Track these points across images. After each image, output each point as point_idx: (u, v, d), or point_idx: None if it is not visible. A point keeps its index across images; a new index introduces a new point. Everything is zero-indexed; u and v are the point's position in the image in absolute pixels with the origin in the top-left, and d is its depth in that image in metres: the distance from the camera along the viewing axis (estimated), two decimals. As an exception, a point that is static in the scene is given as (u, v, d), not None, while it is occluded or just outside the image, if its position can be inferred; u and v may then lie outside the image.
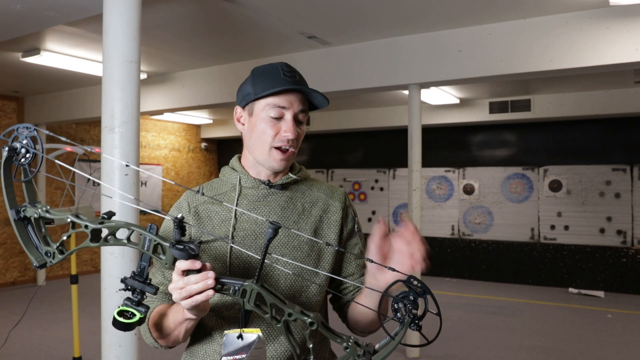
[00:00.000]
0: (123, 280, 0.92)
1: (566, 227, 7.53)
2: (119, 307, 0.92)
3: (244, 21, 4.22)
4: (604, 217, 7.29)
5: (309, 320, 0.87)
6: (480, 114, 7.38)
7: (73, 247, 0.95)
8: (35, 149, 0.92)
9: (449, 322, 5.58)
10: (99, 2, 2.67)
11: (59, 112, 7.20)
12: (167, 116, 8.79)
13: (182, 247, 0.89)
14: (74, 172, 7.69)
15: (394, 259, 1.00)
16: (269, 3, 3.80)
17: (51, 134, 0.96)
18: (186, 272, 0.91)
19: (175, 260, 0.91)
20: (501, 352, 4.62)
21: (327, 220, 1.23)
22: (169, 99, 6.17)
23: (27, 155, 0.92)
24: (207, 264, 0.91)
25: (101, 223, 0.90)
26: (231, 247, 1.14)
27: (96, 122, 8.35)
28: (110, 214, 0.91)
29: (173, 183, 0.90)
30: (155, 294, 0.92)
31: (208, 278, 0.89)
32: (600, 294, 7.02)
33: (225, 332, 0.93)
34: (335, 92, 5.10)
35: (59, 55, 5.08)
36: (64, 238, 0.93)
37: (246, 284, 0.88)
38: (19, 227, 0.94)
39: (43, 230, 0.95)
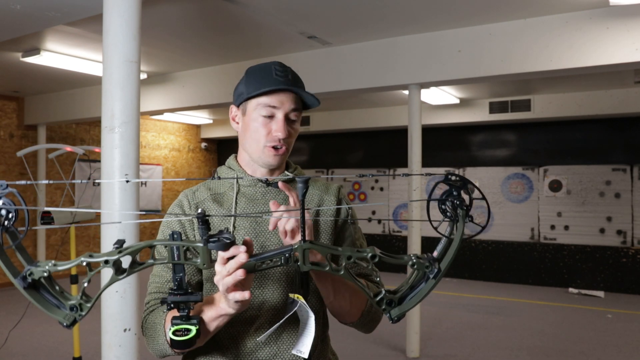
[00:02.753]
0: (164, 301, 0.89)
1: (566, 227, 7.53)
2: (170, 328, 0.89)
3: (244, 21, 4.22)
4: (604, 217, 7.29)
5: (370, 254, 0.87)
6: (480, 114, 7.37)
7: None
8: (16, 205, 0.81)
9: (449, 322, 5.58)
10: (99, 2, 2.67)
11: (59, 112, 7.20)
12: (167, 116, 8.79)
13: (216, 239, 0.86)
14: (74, 171, 7.70)
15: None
16: (268, 3, 3.80)
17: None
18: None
19: (211, 258, 0.88)
20: (501, 352, 4.62)
21: (322, 215, 1.25)
22: (169, 99, 6.17)
23: (10, 215, 0.81)
24: (247, 239, 0.91)
25: (120, 252, 0.84)
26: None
27: (96, 122, 8.34)
28: (121, 242, 0.86)
29: (174, 179, 0.88)
30: (201, 301, 0.91)
31: (240, 252, 0.87)
32: (600, 294, 7.01)
33: (290, 295, 0.96)
34: (335, 92, 5.10)
35: (59, 55, 5.07)
36: (85, 285, 0.84)
37: (295, 246, 0.87)
38: (32, 294, 0.84)
39: (57, 287, 0.86)
